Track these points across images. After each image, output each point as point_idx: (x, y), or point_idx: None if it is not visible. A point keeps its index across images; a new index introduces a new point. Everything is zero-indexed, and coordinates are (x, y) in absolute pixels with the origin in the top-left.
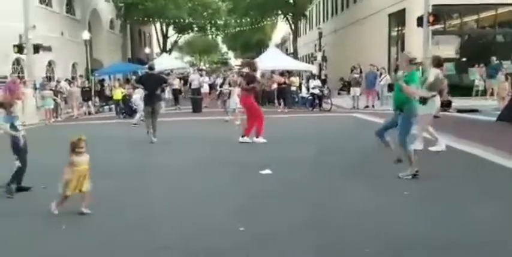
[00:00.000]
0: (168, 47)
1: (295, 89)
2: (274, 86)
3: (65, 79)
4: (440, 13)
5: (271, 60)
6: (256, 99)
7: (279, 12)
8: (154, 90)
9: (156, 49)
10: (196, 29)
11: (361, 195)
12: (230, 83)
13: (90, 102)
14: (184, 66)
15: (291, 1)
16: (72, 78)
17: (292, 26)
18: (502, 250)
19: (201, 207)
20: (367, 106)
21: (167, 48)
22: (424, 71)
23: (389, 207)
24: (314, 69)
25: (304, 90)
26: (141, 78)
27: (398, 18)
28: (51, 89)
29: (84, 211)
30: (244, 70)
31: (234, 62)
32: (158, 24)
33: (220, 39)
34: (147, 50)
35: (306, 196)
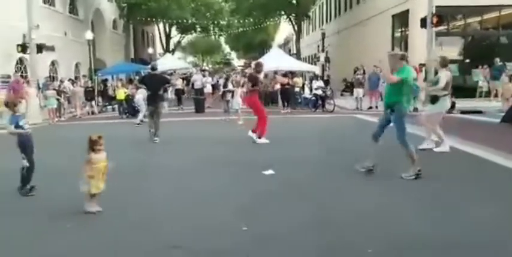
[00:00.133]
0: (171, 47)
1: (298, 89)
2: (277, 86)
3: (68, 79)
4: (444, 14)
5: (274, 60)
6: (259, 100)
7: (282, 12)
8: (157, 91)
9: (159, 49)
10: (199, 29)
11: (363, 195)
12: (233, 84)
13: (93, 102)
14: (187, 66)
15: (294, 2)
16: (75, 78)
17: (295, 26)
18: (502, 250)
19: (204, 207)
20: (370, 107)
21: (170, 49)
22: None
23: (391, 207)
24: (317, 70)
25: (307, 91)
26: (144, 78)
27: (401, 19)
28: (55, 89)
29: (94, 209)
30: (247, 71)
31: (237, 62)
32: (161, 25)
33: (223, 39)
34: (150, 50)
35: (308, 196)
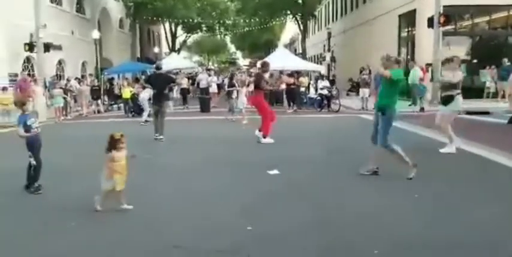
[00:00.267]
0: (177, 46)
1: (303, 89)
2: (282, 86)
3: (75, 78)
4: (451, 14)
5: (279, 60)
6: (265, 100)
7: (288, 12)
8: (162, 90)
9: (165, 49)
10: (204, 28)
11: (365, 196)
12: (238, 83)
13: (99, 100)
14: (193, 65)
15: (300, 1)
16: (81, 77)
17: (301, 26)
18: (502, 250)
19: (206, 206)
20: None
21: (176, 48)
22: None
23: (393, 208)
24: (322, 69)
25: (313, 90)
26: (150, 78)
27: (408, 19)
28: (61, 88)
29: (125, 206)
30: (252, 70)
31: (243, 62)
32: (167, 24)
33: (228, 39)
34: (156, 49)
35: (311, 196)
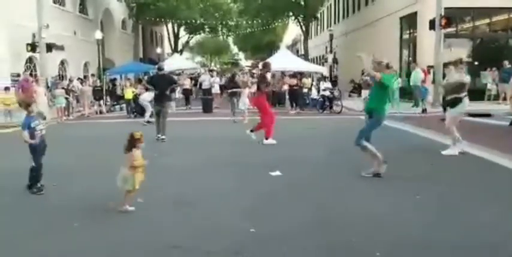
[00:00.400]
0: (180, 47)
1: (306, 90)
2: (285, 87)
3: (77, 78)
4: (452, 16)
5: (281, 61)
6: (267, 101)
7: (290, 14)
8: (164, 91)
9: (167, 49)
10: (207, 29)
11: (368, 196)
12: (240, 84)
13: (102, 101)
14: (195, 66)
15: (302, 3)
16: (84, 78)
17: (303, 27)
18: (503, 250)
19: (207, 207)
20: None
21: (178, 49)
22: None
23: (396, 208)
24: (324, 71)
25: (315, 92)
26: (152, 78)
27: (410, 21)
28: (63, 88)
29: (128, 208)
30: (254, 71)
31: (245, 63)
32: (170, 25)
33: (231, 40)
34: (159, 50)
35: (312, 198)
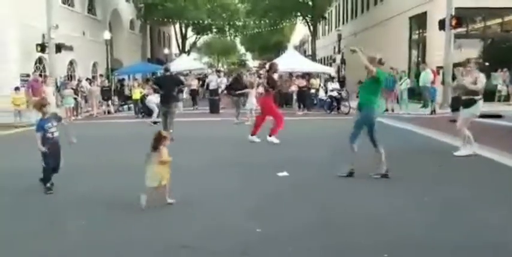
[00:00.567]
0: (187, 47)
1: (313, 91)
2: (292, 88)
3: (86, 78)
4: (463, 16)
5: (289, 62)
6: (274, 101)
7: (298, 14)
8: (171, 91)
9: (175, 50)
10: (215, 30)
11: (375, 198)
12: (247, 84)
13: (110, 101)
14: (202, 67)
15: (310, 3)
16: (92, 78)
17: (311, 28)
18: (503, 251)
19: (213, 207)
20: (386, 110)
21: (186, 49)
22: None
23: (404, 210)
24: (332, 71)
25: (322, 92)
26: (159, 79)
27: (419, 21)
28: (72, 88)
29: (170, 201)
30: (262, 72)
31: (252, 63)
32: (177, 25)
33: (238, 40)
34: (166, 50)
35: (319, 197)
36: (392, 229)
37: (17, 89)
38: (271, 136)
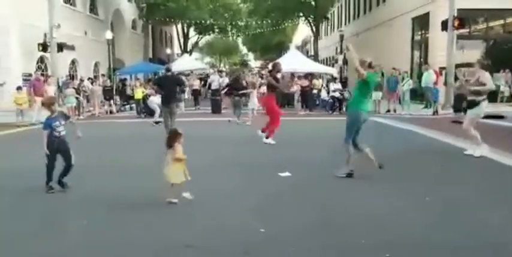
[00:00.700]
0: (189, 47)
1: (316, 91)
2: (295, 88)
3: (88, 78)
4: (465, 17)
5: (291, 62)
6: (277, 102)
7: (300, 14)
8: (171, 91)
9: (177, 50)
10: (217, 30)
11: (376, 198)
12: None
13: (112, 101)
14: (204, 67)
15: (313, 3)
16: (94, 77)
17: (313, 28)
18: (504, 251)
19: (217, 206)
20: (388, 110)
21: (188, 49)
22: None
23: (405, 210)
24: (334, 72)
25: (325, 93)
26: (159, 80)
27: (422, 22)
28: (74, 88)
29: (186, 195)
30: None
31: (254, 63)
32: (179, 25)
33: (240, 40)
34: (168, 50)
35: (322, 198)
36: (393, 229)
37: (19, 88)
38: (263, 132)
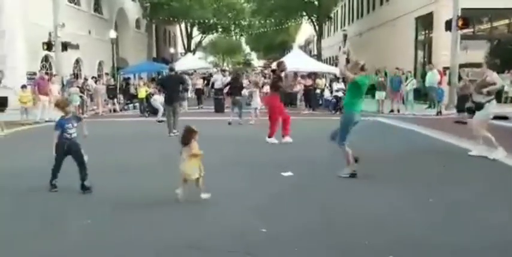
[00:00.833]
0: (192, 47)
1: (319, 91)
2: (298, 87)
3: (92, 77)
4: (469, 17)
5: (294, 61)
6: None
7: (304, 13)
8: (174, 90)
9: (180, 49)
10: (220, 29)
11: (378, 198)
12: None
13: (115, 100)
14: (208, 66)
15: (316, 3)
16: (98, 76)
17: (317, 27)
18: (506, 251)
19: (219, 207)
20: (391, 110)
21: (191, 48)
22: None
23: (408, 211)
24: (337, 71)
25: (328, 92)
26: (162, 80)
27: (425, 22)
28: (78, 87)
29: (204, 196)
30: (266, 71)
31: (257, 63)
32: (183, 24)
33: (243, 40)
34: (172, 49)
35: (325, 198)
36: (395, 229)
37: (23, 87)
38: (270, 137)
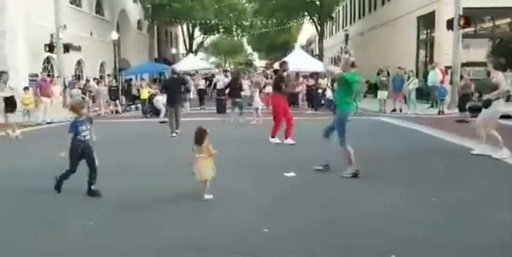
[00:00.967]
0: (194, 47)
1: (321, 91)
2: (300, 88)
3: (94, 78)
4: (471, 16)
5: (296, 62)
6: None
7: (305, 13)
8: (176, 91)
9: (182, 50)
10: (222, 30)
11: (380, 198)
12: (253, 85)
13: (117, 101)
14: (209, 67)
15: (318, 3)
16: (100, 78)
17: (318, 27)
18: (507, 252)
19: (221, 207)
20: (394, 110)
21: (193, 49)
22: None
23: (411, 211)
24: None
25: (330, 92)
26: (166, 83)
27: (427, 21)
28: (80, 88)
29: (207, 197)
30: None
31: (259, 63)
32: (185, 25)
33: (245, 40)
34: (174, 50)
35: (327, 198)
36: (397, 229)
37: (26, 88)
38: (273, 137)
